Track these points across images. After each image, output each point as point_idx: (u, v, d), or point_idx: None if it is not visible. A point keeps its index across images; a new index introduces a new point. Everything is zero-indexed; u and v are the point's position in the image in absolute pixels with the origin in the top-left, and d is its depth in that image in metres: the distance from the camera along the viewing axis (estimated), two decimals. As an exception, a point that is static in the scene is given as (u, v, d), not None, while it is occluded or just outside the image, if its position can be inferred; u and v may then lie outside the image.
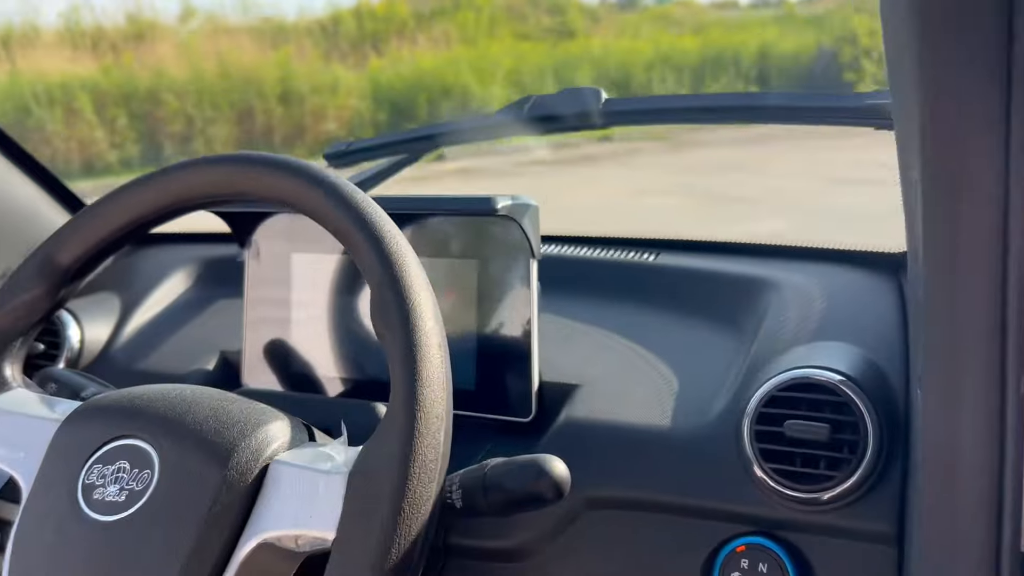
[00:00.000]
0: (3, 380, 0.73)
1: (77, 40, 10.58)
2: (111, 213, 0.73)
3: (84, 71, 10.06)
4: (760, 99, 0.81)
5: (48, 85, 9.58)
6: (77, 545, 0.61)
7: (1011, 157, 0.42)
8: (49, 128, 9.29)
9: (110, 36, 10.75)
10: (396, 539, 0.53)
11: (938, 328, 0.46)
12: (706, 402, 0.74)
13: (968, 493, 0.46)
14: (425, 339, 0.58)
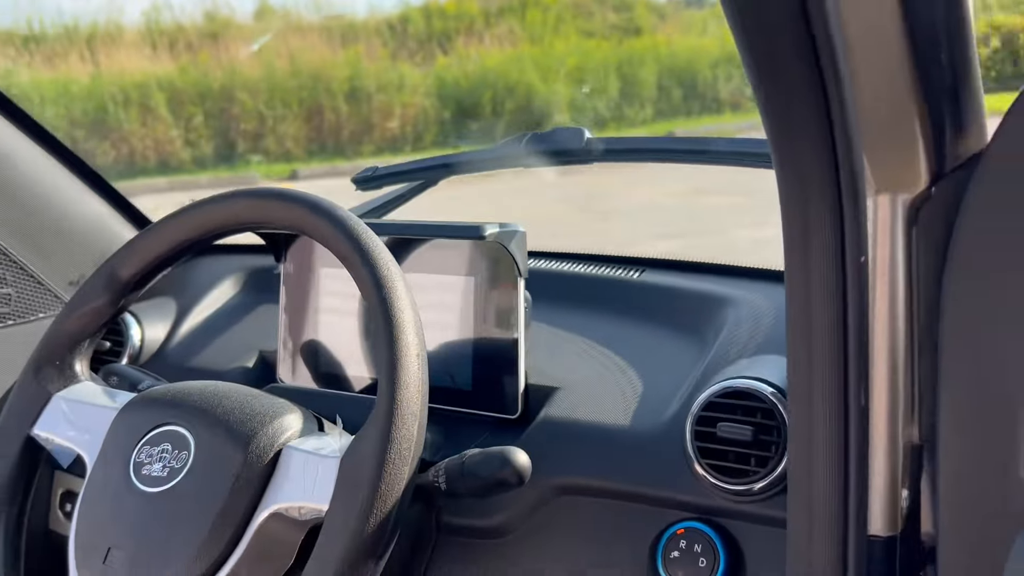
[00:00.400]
0: (74, 374, 0.88)
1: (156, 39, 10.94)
2: (165, 235, 0.87)
3: (161, 70, 10.39)
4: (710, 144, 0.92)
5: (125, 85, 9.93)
6: (129, 510, 0.75)
7: (845, 220, 0.53)
8: (126, 127, 9.64)
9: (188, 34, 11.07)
10: (374, 511, 0.66)
11: (796, 347, 0.56)
12: (663, 405, 0.86)
13: (822, 485, 0.57)
14: (406, 351, 0.71)
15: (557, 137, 1.01)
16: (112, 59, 10.43)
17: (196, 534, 0.72)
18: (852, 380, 0.55)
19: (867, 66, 0.50)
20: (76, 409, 0.85)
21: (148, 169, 9.48)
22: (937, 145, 0.55)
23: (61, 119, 9.32)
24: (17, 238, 1.12)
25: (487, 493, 0.77)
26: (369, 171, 1.16)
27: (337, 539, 0.66)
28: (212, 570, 0.71)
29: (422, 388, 0.71)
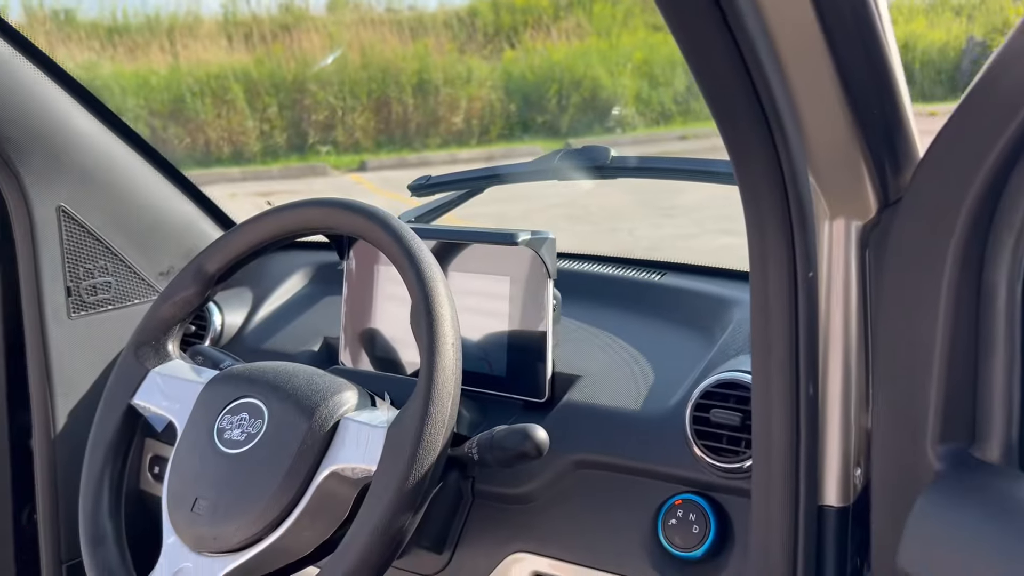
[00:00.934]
0: (167, 354, 1.04)
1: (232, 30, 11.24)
2: (246, 236, 1.02)
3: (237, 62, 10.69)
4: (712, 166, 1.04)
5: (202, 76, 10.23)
6: (212, 468, 0.90)
7: (795, 241, 0.64)
8: (202, 117, 9.94)
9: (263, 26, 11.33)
10: (414, 472, 0.80)
11: (757, 346, 0.68)
12: (669, 393, 0.98)
13: (777, 461, 0.69)
14: (443, 341, 0.84)
15: (586, 154, 1.14)
16: (190, 50, 10.75)
17: (267, 488, 0.86)
18: (803, 374, 0.67)
19: (812, 116, 0.62)
20: (169, 383, 1.00)
21: (223, 158, 9.80)
22: (881, 180, 0.67)
23: (141, 109, 9.70)
24: (119, 234, 1.29)
25: (511, 463, 0.90)
26: (423, 179, 1.30)
27: (382, 494, 0.80)
28: (280, 519, 0.86)
29: (456, 372, 0.84)
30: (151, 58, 10.57)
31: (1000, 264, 0.56)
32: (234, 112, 10.07)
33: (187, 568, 0.88)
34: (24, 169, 1.18)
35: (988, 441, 0.58)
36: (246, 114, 10.07)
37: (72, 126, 1.21)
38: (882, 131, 0.64)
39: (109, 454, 1.00)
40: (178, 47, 10.73)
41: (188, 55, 10.66)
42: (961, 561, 0.55)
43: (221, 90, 10.14)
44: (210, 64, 10.46)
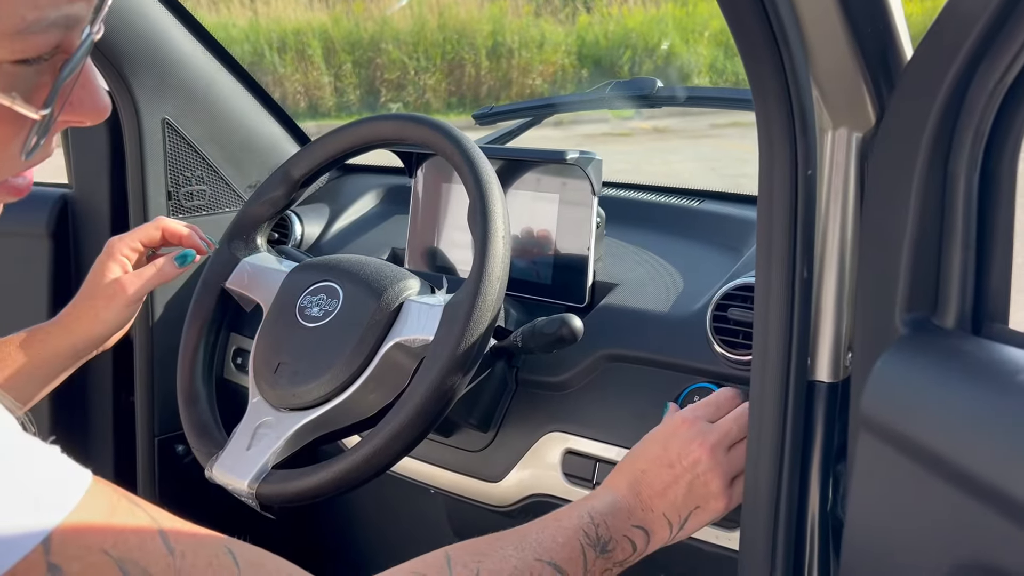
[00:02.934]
0: (256, 246, 1.18)
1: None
2: (327, 146, 1.16)
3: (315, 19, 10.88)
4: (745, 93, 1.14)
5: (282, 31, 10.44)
6: (294, 338, 1.05)
7: (797, 145, 0.75)
8: (280, 71, 10.17)
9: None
10: (464, 339, 0.93)
11: (762, 235, 0.79)
12: (695, 299, 1.09)
13: (772, 337, 0.80)
14: (494, 231, 0.97)
15: (635, 85, 1.25)
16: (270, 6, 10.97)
17: (340, 355, 1.00)
18: (799, 259, 0.78)
19: (815, 37, 0.72)
20: (257, 270, 1.15)
21: (298, 113, 10.05)
22: (878, 95, 0.77)
23: (222, 61, 9.96)
24: (214, 147, 1.44)
25: (551, 348, 1.02)
26: (486, 109, 1.43)
27: (437, 357, 0.93)
28: (349, 381, 1.00)
29: (504, 260, 0.97)
30: (232, 11, 10.82)
31: (961, 158, 0.66)
32: (311, 68, 10.27)
33: (269, 421, 1.03)
34: (136, 83, 1.34)
35: (946, 310, 0.69)
36: (322, 70, 10.27)
37: (178, 47, 1.36)
38: (876, 49, 0.74)
39: (204, 328, 1.15)
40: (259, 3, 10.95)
41: (267, 11, 10.88)
42: (914, 403, 0.66)
43: (300, 45, 10.34)
44: (288, 20, 10.66)
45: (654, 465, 0.87)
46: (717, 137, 8.33)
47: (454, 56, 10.92)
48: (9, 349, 1.04)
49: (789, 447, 0.82)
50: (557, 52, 11.46)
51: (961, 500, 0.59)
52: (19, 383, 1.04)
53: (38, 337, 1.06)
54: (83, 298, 1.10)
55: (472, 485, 1.17)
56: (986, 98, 0.65)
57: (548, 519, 0.83)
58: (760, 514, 0.84)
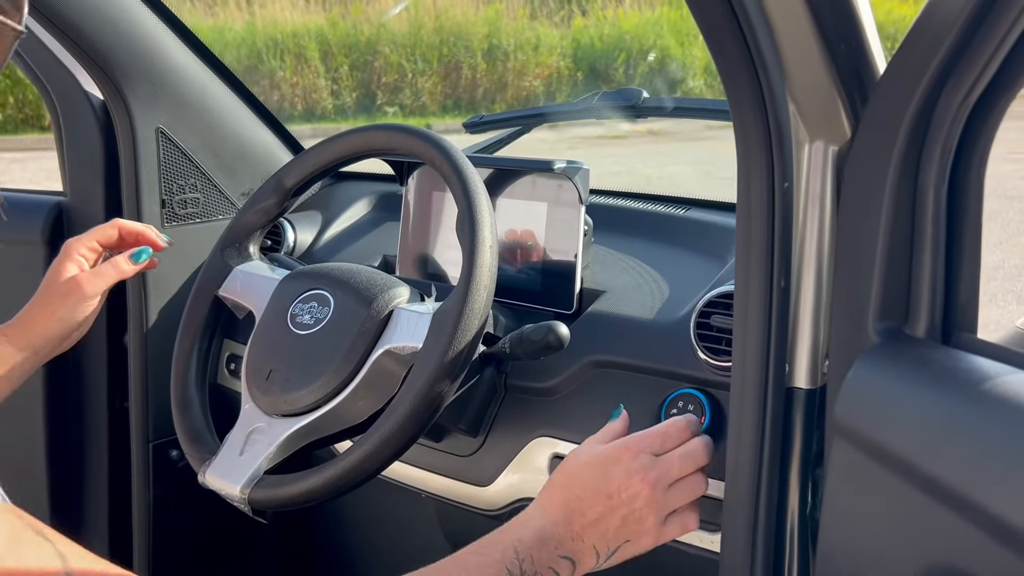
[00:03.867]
0: (248, 254, 1.20)
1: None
2: (319, 156, 1.17)
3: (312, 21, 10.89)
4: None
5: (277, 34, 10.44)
6: (285, 346, 1.06)
7: (774, 159, 0.77)
8: (278, 75, 10.18)
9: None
10: (452, 347, 0.94)
11: (740, 246, 0.81)
12: (680, 306, 1.11)
13: (751, 345, 0.82)
14: (482, 241, 0.99)
15: (622, 95, 1.27)
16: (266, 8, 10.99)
17: (330, 363, 1.02)
18: (776, 269, 0.80)
19: (790, 54, 0.74)
20: (249, 278, 1.17)
21: (295, 116, 10.06)
22: (852, 109, 0.79)
23: (219, 64, 9.96)
24: (208, 156, 1.46)
25: (538, 354, 1.04)
26: (476, 118, 1.45)
27: (426, 364, 0.95)
28: (340, 388, 1.02)
29: (492, 268, 0.99)
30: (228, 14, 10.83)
31: (930, 170, 0.68)
32: (308, 71, 10.28)
33: (261, 427, 1.05)
34: (130, 93, 1.35)
35: (917, 320, 0.71)
36: (319, 73, 10.28)
37: (172, 57, 1.38)
38: (850, 65, 0.76)
39: (197, 336, 1.17)
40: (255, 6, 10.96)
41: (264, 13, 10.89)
42: (885, 411, 0.67)
43: (297, 48, 10.35)
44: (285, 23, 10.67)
45: (591, 493, 0.84)
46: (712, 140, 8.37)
47: (450, 59, 10.93)
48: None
49: (768, 452, 0.84)
50: (552, 55, 11.48)
51: (930, 506, 0.61)
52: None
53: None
54: (40, 298, 1.12)
55: (462, 489, 1.19)
56: (953, 113, 0.67)
57: (470, 553, 0.81)
58: (740, 517, 0.86)
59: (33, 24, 1.34)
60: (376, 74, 10.62)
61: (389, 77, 10.64)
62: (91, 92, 1.42)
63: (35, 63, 1.43)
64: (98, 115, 1.43)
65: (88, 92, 1.43)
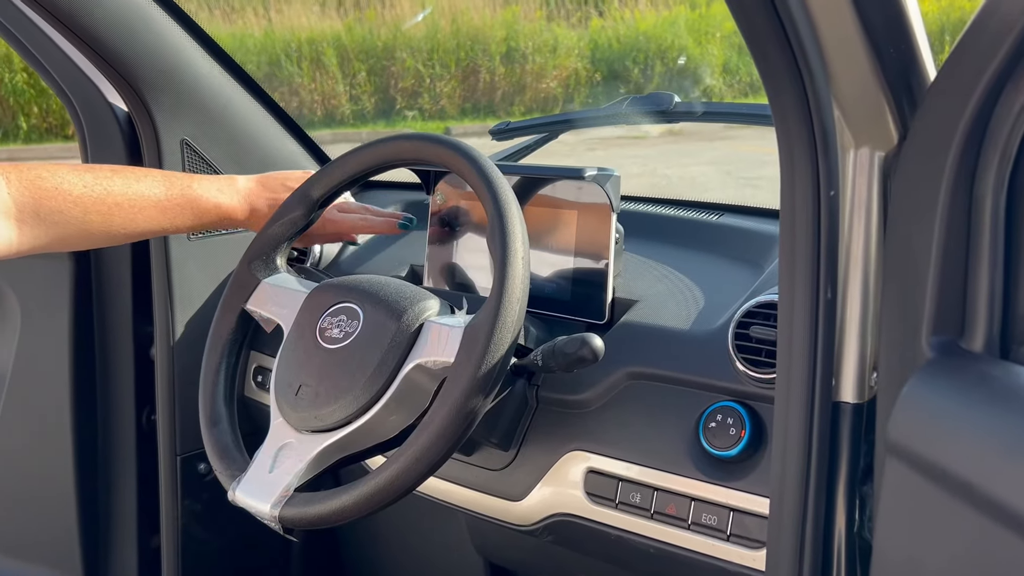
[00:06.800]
0: (276, 267, 1.18)
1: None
2: (345, 166, 1.16)
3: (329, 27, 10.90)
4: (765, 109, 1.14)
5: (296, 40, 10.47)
6: (314, 360, 1.05)
7: (819, 166, 0.75)
8: (297, 81, 10.20)
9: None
10: (485, 362, 0.92)
11: (785, 256, 0.79)
12: (717, 315, 1.09)
13: (797, 358, 0.79)
14: (513, 253, 0.96)
15: (652, 100, 1.25)
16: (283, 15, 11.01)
17: (361, 377, 1.00)
18: (822, 280, 0.77)
19: (836, 57, 0.72)
20: (277, 291, 1.15)
21: (315, 121, 10.09)
22: (900, 114, 0.76)
23: (238, 71, 10.01)
24: (233, 166, 1.45)
25: (571, 368, 1.02)
26: (502, 125, 1.43)
27: (458, 380, 0.93)
28: (370, 403, 1.00)
29: (524, 281, 0.96)
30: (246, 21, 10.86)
31: (987, 178, 0.65)
32: (326, 77, 10.30)
33: (291, 443, 1.03)
34: (154, 105, 1.35)
35: (973, 333, 0.68)
36: (338, 79, 10.29)
37: (196, 68, 1.37)
38: (899, 69, 0.73)
39: (225, 350, 1.15)
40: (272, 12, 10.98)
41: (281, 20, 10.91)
42: (943, 430, 0.65)
43: (314, 54, 10.37)
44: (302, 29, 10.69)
45: None
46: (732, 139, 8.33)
47: (468, 63, 10.91)
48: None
49: (815, 468, 0.82)
50: (570, 56, 11.44)
51: (991, 529, 0.59)
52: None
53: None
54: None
55: (494, 504, 1.17)
56: (1013, 119, 0.65)
57: None
58: (786, 535, 0.84)
59: (57, 36, 1.33)
60: (394, 79, 10.61)
61: (407, 82, 10.64)
62: (115, 104, 1.41)
63: (59, 75, 1.42)
64: (122, 127, 1.42)
65: (112, 104, 1.42)
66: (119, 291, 1.51)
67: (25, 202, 1.01)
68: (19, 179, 1.01)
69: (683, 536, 1.02)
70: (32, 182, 1.02)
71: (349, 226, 1.27)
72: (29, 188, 1.01)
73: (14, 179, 1.01)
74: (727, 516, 0.99)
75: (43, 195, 1.02)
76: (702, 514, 1.01)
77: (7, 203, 1.00)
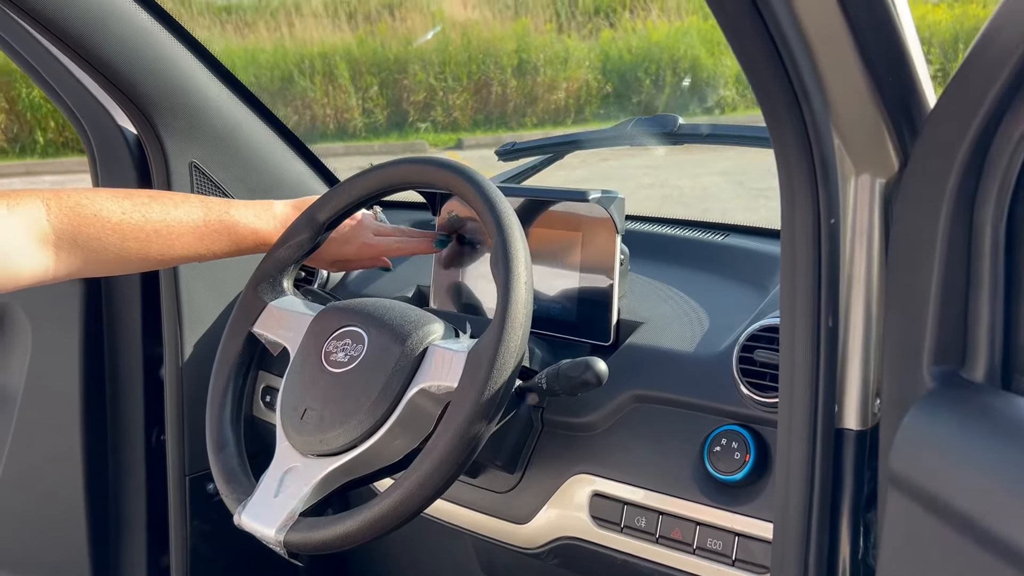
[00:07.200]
0: (282, 290, 1.19)
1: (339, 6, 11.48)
2: (352, 189, 1.16)
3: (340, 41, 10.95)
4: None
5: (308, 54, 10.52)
6: (320, 384, 1.05)
7: (819, 193, 0.75)
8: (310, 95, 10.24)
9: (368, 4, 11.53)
10: (488, 387, 0.92)
11: (785, 282, 0.79)
12: (722, 338, 1.08)
13: (799, 386, 0.79)
14: (516, 277, 0.97)
15: (657, 122, 1.25)
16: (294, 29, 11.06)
17: (365, 401, 1.01)
18: (823, 308, 0.77)
19: (834, 85, 0.72)
20: (283, 314, 1.16)
21: (327, 134, 10.13)
22: (900, 141, 0.76)
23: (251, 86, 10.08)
24: (241, 189, 1.46)
25: (576, 391, 1.02)
26: (508, 145, 1.43)
27: (462, 405, 0.93)
28: (375, 428, 1.00)
29: (527, 304, 0.97)
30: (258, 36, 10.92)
31: (987, 208, 0.65)
32: (339, 90, 10.34)
33: (296, 467, 1.03)
34: (163, 128, 1.36)
35: (975, 363, 0.68)
36: (350, 93, 10.33)
37: (205, 91, 1.38)
38: (898, 97, 0.73)
39: (232, 373, 1.16)
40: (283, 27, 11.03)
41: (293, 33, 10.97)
42: (944, 462, 0.64)
43: (327, 68, 10.41)
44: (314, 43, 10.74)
45: None
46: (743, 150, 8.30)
47: (480, 76, 10.93)
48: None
49: (818, 495, 0.81)
50: (581, 68, 11.45)
51: (992, 564, 0.58)
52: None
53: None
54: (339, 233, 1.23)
55: (499, 526, 1.17)
56: (1012, 148, 0.64)
57: None
58: (789, 561, 0.83)
59: (67, 60, 1.35)
60: (407, 92, 10.64)
61: (419, 95, 10.66)
62: (125, 127, 1.43)
63: (69, 98, 1.44)
64: (132, 149, 1.43)
65: (122, 127, 1.43)
66: (129, 311, 1.52)
67: (64, 229, 1.01)
68: (59, 206, 1.01)
69: (689, 561, 1.02)
70: (71, 209, 1.02)
71: (385, 249, 1.26)
72: (68, 215, 1.01)
73: (54, 206, 1.01)
74: (732, 541, 0.99)
75: (82, 222, 1.02)
76: (707, 539, 1.01)
77: (46, 230, 1.00)
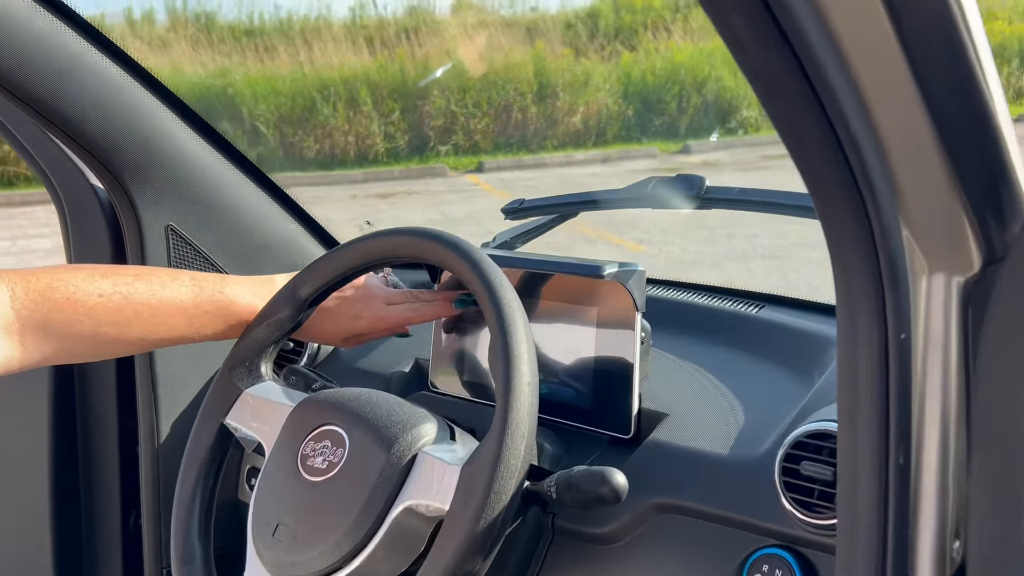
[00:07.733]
0: (260, 375, 1.06)
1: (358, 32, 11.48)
2: (337, 262, 1.03)
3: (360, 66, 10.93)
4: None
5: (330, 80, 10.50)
6: (294, 494, 0.92)
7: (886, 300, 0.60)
8: (331, 122, 10.21)
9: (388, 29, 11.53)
10: (484, 516, 0.78)
11: (844, 405, 0.64)
12: (760, 439, 0.93)
13: (863, 534, 0.64)
14: (519, 380, 0.83)
15: (680, 182, 1.10)
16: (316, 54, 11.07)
17: (345, 519, 0.87)
18: (892, 442, 0.62)
19: (903, 165, 0.57)
20: (259, 404, 1.02)
21: (347, 161, 10.08)
22: (984, 233, 0.61)
23: (271, 114, 10.06)
24: (223, 252, 1.33)
25: (589, 506, 0.87)
26: (516, 203, 1.30)
27: (453, 537, 0.79)
28: (356, 551, 0.86)
29: (532, 413, 0.83)
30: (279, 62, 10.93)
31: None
32: (361, 116, 10.31)
33: (266, 594, 0.90)
34: (136, 191, 1.23)
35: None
36: (372, 118, 10.29)
37: (180, 149, 1.26)
38: (983, 180, 0.59)
39: (201, 471, 1.03)
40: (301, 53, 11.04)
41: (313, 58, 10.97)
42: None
43: (348, 94, 10.39)
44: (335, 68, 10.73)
45: None
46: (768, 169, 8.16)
47: (500, 101, 10.87)
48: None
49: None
50: (600, 91, 11.36)
51: None
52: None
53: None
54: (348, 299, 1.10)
55: (505, 651, 1.02)
56: None
57: None
58: None
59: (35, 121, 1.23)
60: (427, 118, 10.60)
61: (439, 121, 10.61)
62: (98, 187, 1.31)
63: (40, 157, 1.32)
64: (105, 211, 1.31)
65: (95, 187, 1.31)
66: (103, 384, 1.39)
67: (31, 316, 0.89)
68: (26, 291, 0.89)
69: None
70: (40, 293, 0.90)
71: (399, 320, 1.11)
72: (37, 300, 0.89)
73: (20, 292, 0.89)
74: None
75: (53, 307, 0.90)
76: None
77: (10, 318, 0.88)
